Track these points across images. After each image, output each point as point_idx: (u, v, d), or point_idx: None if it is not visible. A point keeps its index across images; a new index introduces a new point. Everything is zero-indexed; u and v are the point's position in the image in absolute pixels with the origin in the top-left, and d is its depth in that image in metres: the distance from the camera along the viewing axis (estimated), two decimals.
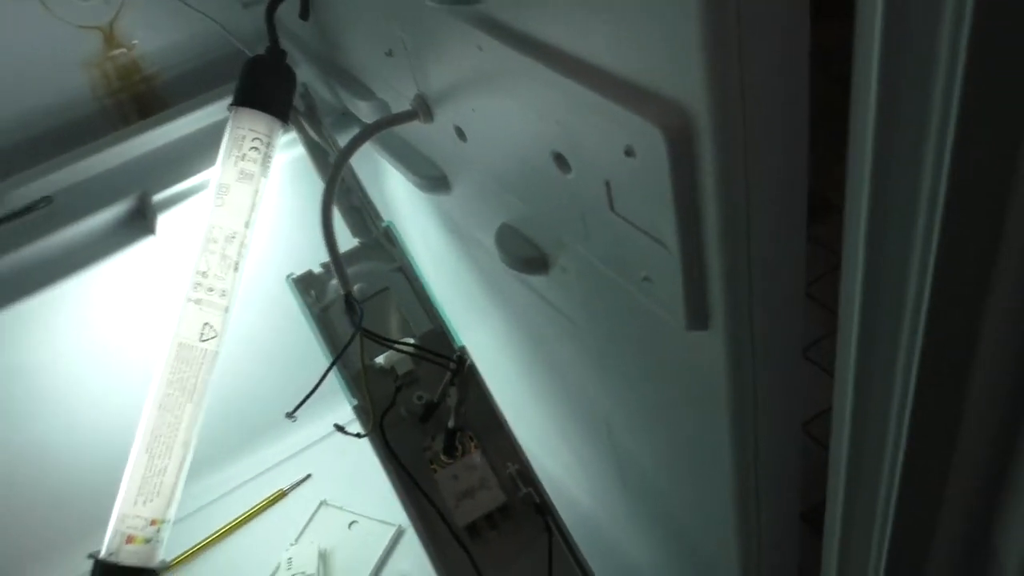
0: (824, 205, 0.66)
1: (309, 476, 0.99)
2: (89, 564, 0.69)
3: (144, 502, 0.69)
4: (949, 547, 0.42)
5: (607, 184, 0.45)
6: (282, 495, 0.97)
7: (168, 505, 0.70)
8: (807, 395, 0.56)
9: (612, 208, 0.46)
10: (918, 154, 0.30)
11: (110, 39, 0.92)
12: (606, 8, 0.39)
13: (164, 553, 0.72)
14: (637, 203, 0.44)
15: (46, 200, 0.81)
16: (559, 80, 0.43)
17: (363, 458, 0.71)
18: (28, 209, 0.80)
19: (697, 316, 0.45)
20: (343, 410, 0.72)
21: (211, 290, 0.73)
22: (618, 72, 0.40)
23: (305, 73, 0.87)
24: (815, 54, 0.37)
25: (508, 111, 0.52)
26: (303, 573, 0.88)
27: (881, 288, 0.35)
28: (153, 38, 0.94)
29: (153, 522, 0.70)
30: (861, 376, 0.39)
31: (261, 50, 0.79)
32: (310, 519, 0.95)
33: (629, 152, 0.41)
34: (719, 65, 0.34)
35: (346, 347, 0.66)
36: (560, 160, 0.49)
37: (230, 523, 0.95)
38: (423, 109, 0.66)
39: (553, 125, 0.47)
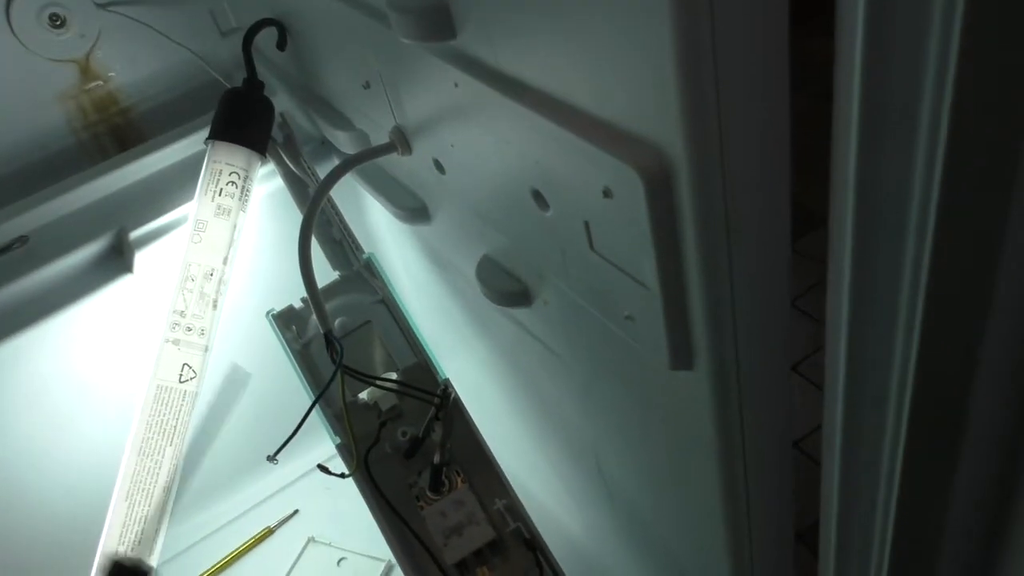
0: (807, 218, 0.65)
1: (296, 512, 0.97)
2: None
3: (126, 551, 0.67)
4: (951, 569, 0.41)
5: (586, 224, 0.44)
6: (269, 533, 0.95)
7: (151, 553, 0.69)
8: (800, 411, 0.55)
9: (592, 247, 0.45)
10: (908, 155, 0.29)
11: (86, 71, 0.91)
12: (581, 49, 0.38)
13: None
14: (617, 243, 0.43)
15: (22, 240, 0.79)
16: (535, 119, 0.43)
17: (350, 493, 0.70)
18: (3, 249, 0.79)
19: (681, 356, 0.44)
20: (327, 445, 0.71)
21: (189, 329, 0.72)
22: (594, 113, 0.39)
23: (283, 102, 0.86)
24: (795, 71, 0.36)
25: (486, 147, 0.51)
26: None
27: (871, 299, 0.34)
28: (130, 70, 0.93)
29: None
30: (851, 389, 0.38)
31: (240, 79, 0.78)
32: (298, 557, 0.93)
33: (607, 193, 0.40)
34: (696, 107, 0.33)
35: (326, 387, 0.65)
36: (539, 197, 0.48)
37: (217, 564, 0.94)
38: (401, 142, 0.65)
39: (531, 163, 0.46)
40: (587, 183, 0.41)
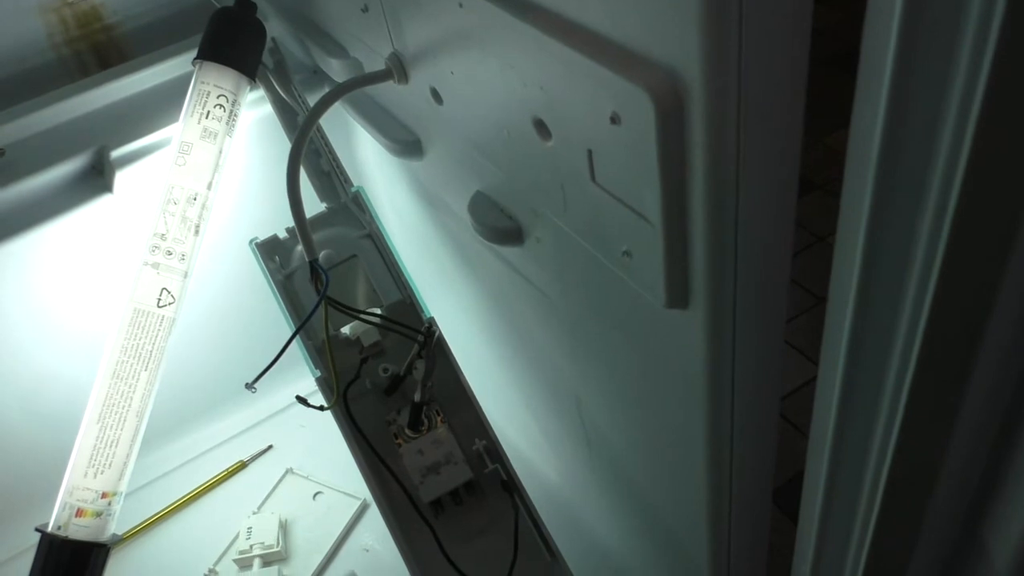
0: (801, 184, 0.65)
1: (270, 447, 0.96)
2: (36, 538, 0.67)
3: (95, 474, 0.66)
4: (936, 542, 0.40)
5: (589, 153, 0.43)
6: (242, 466, 0.94)
7: (120, 477, 0.67)
8: None
9: (593, 179, 0.44)
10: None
11: None
12: None
13: (116, 526, 0.69)
14: (620, 174, 0.42)
15: None
16: (544, 41, 0.41)
17: (328, 428, 0.69)
18: None
19: (677, 294, 0.44)
20: (306, 380, 0.70)
21: (170, 254, 0.70)
22: (607, 34, 0.38)
23: (275, 27, 0.83)
24: None
25: (488, 74, 0.49)
26: (262, 544, 0.85)
27: (879, 275, 0.33)
28: None
29: (104, 495, 0.67)
30: (851, 358, 0.37)
31: (230, 1, 0.76)
32: (275, 487, 0.92)
33: (615, 119, 0.39)
34: (718, 29, 0.32)
35: (309, 316, 0.63)
36: (541, 127, 0.47)
37: (187, 494, 0.93)
38: (398, 69, 0.63)
39: (536, 90, 0.45)
40: (594, 108, 0.40)
